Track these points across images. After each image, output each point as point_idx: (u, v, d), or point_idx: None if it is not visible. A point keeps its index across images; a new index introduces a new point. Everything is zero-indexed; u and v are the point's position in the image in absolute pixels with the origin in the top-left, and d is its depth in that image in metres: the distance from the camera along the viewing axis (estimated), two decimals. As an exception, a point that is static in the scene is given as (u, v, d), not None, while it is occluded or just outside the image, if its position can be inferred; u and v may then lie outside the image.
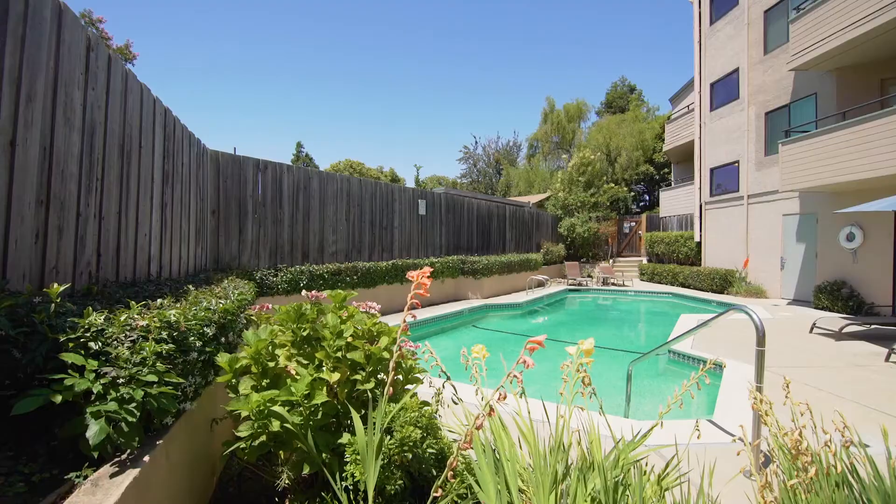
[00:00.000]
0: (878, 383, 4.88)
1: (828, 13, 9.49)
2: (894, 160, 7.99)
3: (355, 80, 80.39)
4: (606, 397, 5.14)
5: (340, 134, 79.88)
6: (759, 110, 13.01)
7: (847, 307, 9.73)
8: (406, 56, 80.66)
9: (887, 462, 1.59)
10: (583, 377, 1.81)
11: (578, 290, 15.32)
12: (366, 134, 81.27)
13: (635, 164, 29.53)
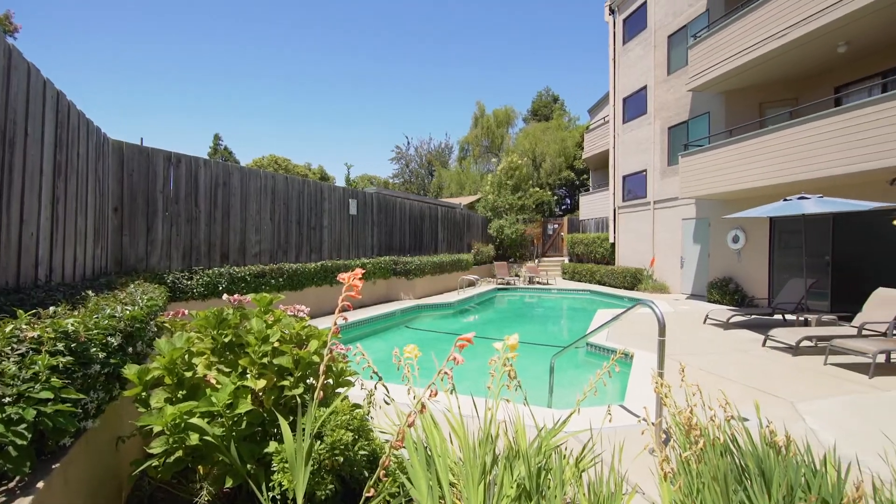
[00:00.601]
0: (756, 365, 5.67)
1: (718, 43, 10.82)
2: (769, 174, 9.31)
3: (280, 76, 76.59)
4: (532, 389, 5.42)
5: (264, 130, 75.63)
6: (664, 125, 14.46)
7: (733, 300, 11.15)
8: (337, 54, 78.44)
9: (759, 431, 1.88)
10: (508, 371, 1.92)
11: (507, 289, 15.93)
12: (292, 130, 77.74)
13: (558, 169, 31.33)
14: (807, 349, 6.36)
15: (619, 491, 1.65)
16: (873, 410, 4.05)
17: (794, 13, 8.86)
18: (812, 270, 9.65)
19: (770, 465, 1.73)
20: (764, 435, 1.79)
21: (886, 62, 9.21)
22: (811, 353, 6.17)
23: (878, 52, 9.25)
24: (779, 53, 9.51)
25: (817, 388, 4.70)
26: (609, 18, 17.60)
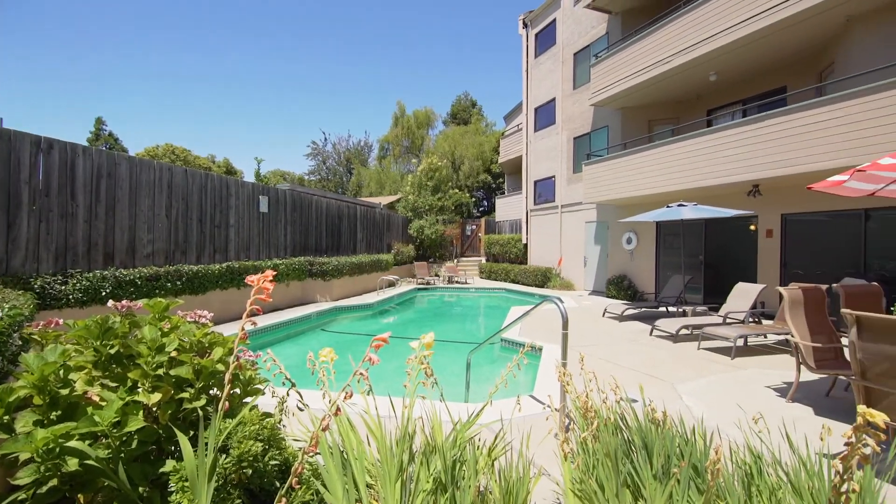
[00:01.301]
0: (644, 352, 6.39)
1: (615, 64, 11.99)
2: (656, 183, 10.53)
3: (177, 57, 69.39)
4: (451, 386, 5.55)
5: (158, 116, 67.97)
6: (570, 135, 15.66)
7: (627, 295, 12.43)
8: (246, 46, 73.04)
9: (643, 411, 2.14)
10: (425, 369, 1.96)
11: (427, 288, 16.09)
12: (193, 119, 70.87)
13: (476, 172, 32.37)
14: (684, 336, 7.31)
15: (526, 474, 1.78)
16: (733, 386, 4.79)
17: (676, 43, 10.13)
18: (689, 268, 11.11)
19: (652, 439, 1.98)
20: (647, 413, 2.05)
21: (746, 91, 10.92)
22: (688, 340, 7.11)
23: (740, 83, 10.94)
24: (664, 78, 10.82)
25: (692, 370, 5.43)
26: (523, 32, 18.61)
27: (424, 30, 77.82)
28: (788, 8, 7.91)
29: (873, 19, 7.71)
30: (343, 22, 74.44)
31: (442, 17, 77.70)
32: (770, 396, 4.43)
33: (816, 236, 8.85)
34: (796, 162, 7.63)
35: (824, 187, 4.03)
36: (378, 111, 77.63)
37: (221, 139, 72.41)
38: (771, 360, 5.98)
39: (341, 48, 75.20)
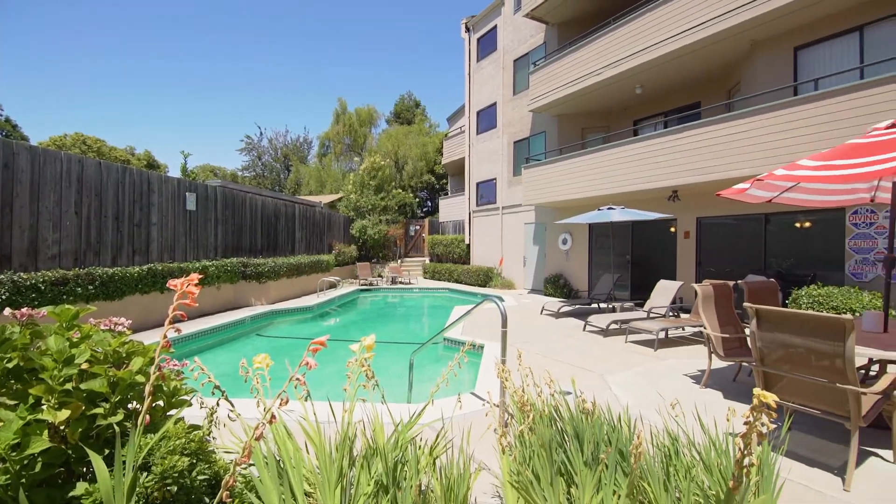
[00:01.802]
0: (578, 347, 6.76)
1: (551, 73, 12.55)
2: (588, 187, 11.16)
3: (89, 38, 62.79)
4: (395, 387, 5.51)
5: (66, 101, 61.09)
6: (510, 139, 16.16)
7: (563, 293, 13.05)
8: (178, 33, 67.67)
9: (575, 402, 2.27)
10: (366, 371, 1.95)
11: (370, 289, 15.86)
12: (107, 105, 64.47)
13: (420, 173, 32.40)
14: (614, 331, 7.82)
15: (466, 470, 1.82)
16: (655, 376, 5.20)
17: (606, 57, 10.81)
18: (618, 267, 11.90)
19: (583, 428, 2.11)
20: (578, 404, 2.18)
21: (667, 105, 11.89)
22: (617, 334, 7.61)
23: (662, 97, 11.89)
24: (596, 88, 11.50)
25: (620, 362, 5.83)
26: (465, 35, 18.92)
27: (366, 27, 76.59)
28: (701, 31, 8.74)
29: (773, 44, 8.72)
30: (282, 16, 71.28)
31: (384, 15, 76.94)
32: (687, 383, 4.87)
33: (726, 237, 9.84)
34: (709, 170, 8.45)
35: (730, 194, 4.51)
36: (318, 107, 75.28)
37: (142, 131, 66.52)
38: (688, 350, 6.56)
39: (279, 42, 71.99)
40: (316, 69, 73.69)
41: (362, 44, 76.70)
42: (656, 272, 10.79)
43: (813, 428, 3.59)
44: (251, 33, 69.35)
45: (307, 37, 73.38)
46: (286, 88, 72.75)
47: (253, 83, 71.24)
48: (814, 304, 6.91)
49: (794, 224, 8.58)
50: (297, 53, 73.34)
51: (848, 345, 2.71)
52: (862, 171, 3.16)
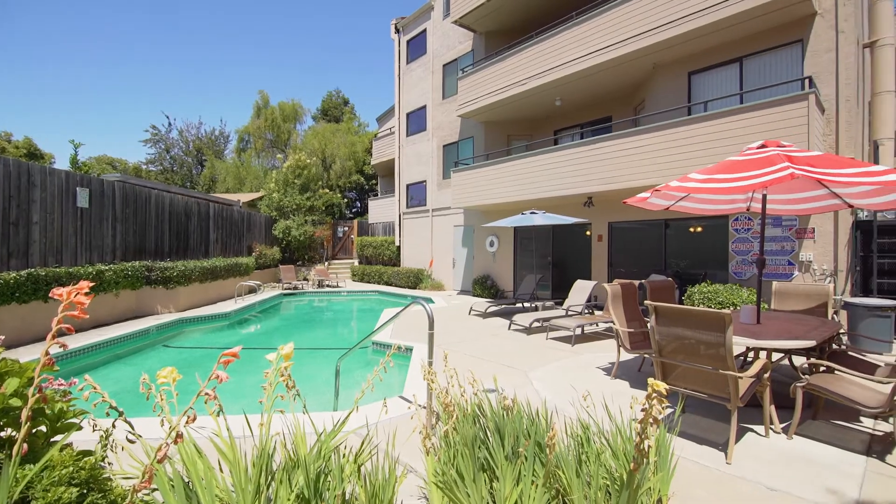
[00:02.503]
0: (504, 346, 7.02)
1: (478, 80, 12.94)
2: (513, 192, 11.66)
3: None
4: (321, 394, 5.33)
5: (-86, 72, 51.24)
6: (440, 142, 16.37)
7: (491, 294, 13.49)
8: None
9: (496, 399, 2.36)
10: (286, 381, 1.87)
11: (294, 293, 15.15)
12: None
13: (349, 172, 31.62)
14: (536, 329, 8.24)
15: (392, 474, 1.82)
16: (572, 370, 5.57)
17: (529, 68, 11.38)
18: (540, 268, 12.55)
19: (503, 424, 2.21)
20: (499, 401, 2.28)
21: (584, 117, 12.78)
22: (539, 332, 8.03)
23: (579, 109, 12.76)
24: (520, 98, 12.05)
25: (541, 359, 6.16)
26: (395, 36, 18.83)
27: (292, 20, 73.24)
28: (612, 52, 9.55)
29: (671, 68, 9.76)
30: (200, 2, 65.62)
31: (309, 8, 74.14)
32: (599, 376, 5.28)
33: (633, 240, 10.81)
34: (618, 179, 9.24)
35: (634, 202, 4.98)
36: (237, 99, 70.40)
37: (22, 115, 57.54)
38: (601, 344, 7.11)
39: (193, 22, 66.20)
40: (235, 56, 68.92)
41: (287, 36, 73.19)
42: (574, 272, 11.56)
43: (702, 410, 4.08)
44: (162, 9, 62.97)
45: (226, 24, 68.36)
46: (201, 76, 67.15)
47: (161, 67, 64.79)
48: (704, 299, 7.84)
49: (689, 229, 9.67)
50: (214, 38, 68.04)
51: (727, 336, 3.12)
52: (738, 184, 3.66)
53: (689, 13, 8.34)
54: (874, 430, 3.68)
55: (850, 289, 7.58)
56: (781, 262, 8.03)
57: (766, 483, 2.86)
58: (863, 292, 7.64)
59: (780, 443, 3.46)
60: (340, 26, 76.04)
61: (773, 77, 8.32)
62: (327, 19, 76.05)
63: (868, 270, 7.62)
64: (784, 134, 6.87)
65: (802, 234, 7.84)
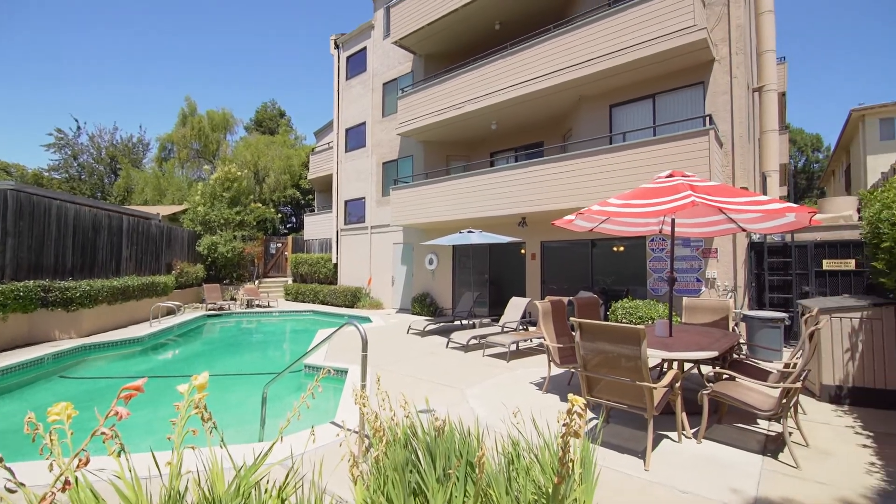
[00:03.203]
0: (442, 364, 7.03)
1: (418, 101, 13.18)
2: (451, 211, 11.88)
3: None
4: (247, 424, 4.99)
5: None
6: (380, 159, 16.35)
7: (430, 311, 13.50)
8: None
9: (428, 420, 2.36)
10: (200, 413, 1.74)
11: (220, 314, 14.14)
12: None
13: (283, 187, 30.45)
14: (474, 346, 8.36)
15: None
16: (507, 386, 5.70)
17: (466, 93, 11.81)
18: (478, 285, 12.82)
19: (435, 445, 2.21)
20: (431, 422, 2.28)
21: (518, 141, 13.41)
22: (476, 349, 8.14)
23: (514, 134, 13.38)
24: (458, 120, 12.43)
25: (478, 376, 6.24)
26: (334, 52, 18.70)
27: (226, 28, 70.18)
28: (542, 83, 10.21)
29: (595, 101, 10.58)
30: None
31: (245, 15, 71.63)
32: (532, 391, 5.45)
33: (564, 259, 11.42)
34: (548, 201, 9.77)
35: (561, 223, 5.30)
36: (160, 104, 65.62)
37: None
38: (535, 359, 7.36)
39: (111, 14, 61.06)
40: (160, 58, 64.42)
41: (220, 42, 69.90)
42: (510, 289, 11.93)
43: (624, 420, 4.34)
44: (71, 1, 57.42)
45: (150, 25, 63.87)
46: (119, 76, 61.81)
47: (71, 63, 58.81)
48: (626, 314, 8.43)
49: (613, 248, 10.41)
50: (137, 38, 63.23)
51: (642, 349, 3.37)
52: (650, 209, 4.03)
53: (607, 52, 9.16)
54: (768, 431, 4.13)
55: (747, 303, 8.54)
56: (691, 279, 8.87)
57: (680, 487, 3.10)
58: (758, 306, 8.64)
59: (691, 447, 3.77)
60: (277, 35, 74.10)
61: (681, 113, 9.32)
62: (263, 29, 73.83)
63: (762, 286, 8.65)
64: (690, 164, 7.69)
65: (708, 254, 8.75)
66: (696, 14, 8.18)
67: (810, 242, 8.12)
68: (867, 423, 4.25)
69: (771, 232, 5.96)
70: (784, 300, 8.34)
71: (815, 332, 3.65)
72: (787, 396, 3.56)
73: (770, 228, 5.12)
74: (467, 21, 12.59)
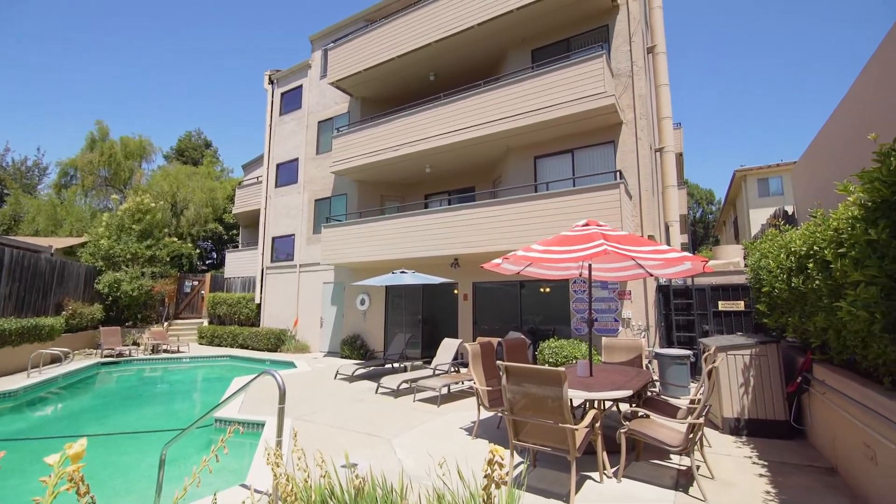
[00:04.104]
0: (370, 411, 6.72)
1: (353, 141, 13.28)
2: (384, 251, 11.81)
3: None
4: (140, 492, 4.35)
5: None
6: (311, 196, 16.00)
7: (360, 354, 13.00)
8: None
9: (347, 478, 2.22)
10: (77, 487, 1.49)
11: (118, 362, 12.51)
12: None
13: (205, 220, 28.50)
14: (405, 391, 8.12)
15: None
16: (436, 433, 5.56)
17: (401, 137, 12.13)
18: (411, 326, 12.65)
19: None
20: (350, 480, 2.14)
21: (451, 185, 13.87)
22: (407, 394, 7.91)
23: (448, 178, 13.84)
24: (393, 162, 12.64)
25: (407, 423, 6.04)
26: (268, 87, 18.44)
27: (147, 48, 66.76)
28: (471, 132, 10.81)
29: (521, 152, 11.34)
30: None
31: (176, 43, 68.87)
32: (461, 437, 5.36)
33: (495, 300, 11.70)
34: (480, 244, 10.09)
35: (489, 267, 5.49)
36: (66, 127, 59.65)
37: None
38: (466, 402, 7.29)
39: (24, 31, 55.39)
40: (67, 78, 59.10)
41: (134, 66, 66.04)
42: (443, 329, 11.91)
43: (550, 463, 4.39)
44: (-41, 16, 51.38)
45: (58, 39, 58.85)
46: (15, 91, 55.48)
47: (-48, 79, 51.84)
48: (553, 354, 8.74)
49: (540, 289, 10.88)
50: (44, 54, 57.69)
51: (563, 391, 3.49)
52: (568, 256, 4.31)
53: (530, 110, 9.98)
54: (679, 466, 4.39)
55: (658, 341, 9.25)
56: (609, 319, 9.47)
57: (600, 528, 3.15)
58: (667, 344, 9.38)
59: (611, 487, 3.88)
60: (210, 69, 71.77)
61: (596, 167, 10.27)
62: (193, 58, 71.27)
63: (670, 325, 9.44)
64: (604, 213, 8.41)
65: (623, 296, 9.45)
66: (606, 82, 9.24)
67: (707, 286, 9.09)
68: (762, 453, 4.68)
69: (673, 277, 6.62)
70: (689, 338, 9.15)
71: (712, 370, 4.02)
72: (693, 431, 3.84)
73: (672, 274, 5.68)
74: (403, 70, 13.14)
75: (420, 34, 12.06)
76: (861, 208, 3.04)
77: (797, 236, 4.56)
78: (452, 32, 11.46)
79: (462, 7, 11.34)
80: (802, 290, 4.28)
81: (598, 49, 9.81)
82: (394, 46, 12.57)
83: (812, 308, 4.19)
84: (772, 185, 24.24)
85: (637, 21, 10.24)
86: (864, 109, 5.98)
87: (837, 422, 4.11)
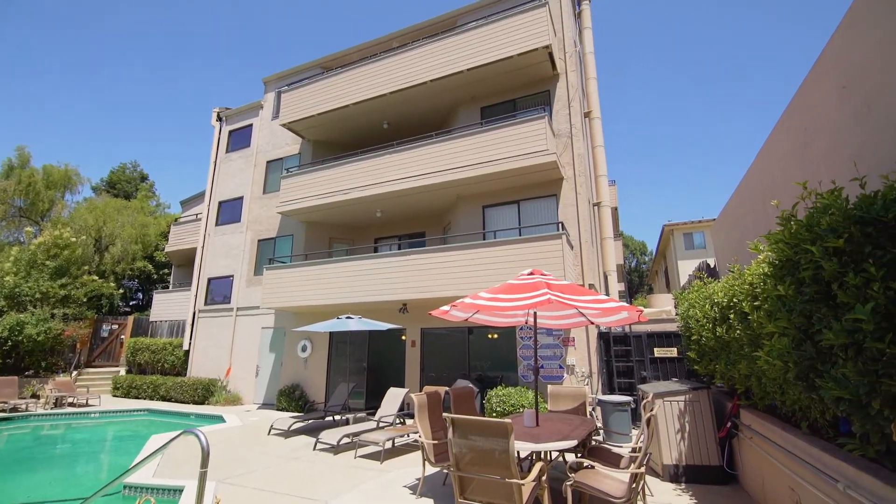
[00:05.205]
0: (305, 471, 6.20)
1: (302, 183, 13.12)
2: (330, 295, 11.43)
3: None
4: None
5: None
6: (255, 236, 15.38)
7: (299, 406, 12.13)
8: None
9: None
10: None
11: (11, 419, 10.81)
12: None
13: (132, 257, 26.32)
14: (345, 446, 7.59)
15: None
16: (378, 494, 5.20)
17: (352, 181, 12.16)
18: (355, 374, 12.10)
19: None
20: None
21: (402, 230, 13.91)
22: (349, 449, 7.41)
23: (398, 223, 13.89)
24: (343, 205, 12.56)
25: (346, 483, 5.61)
26: (216, 124, 18.01)
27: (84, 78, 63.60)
28: (421, 181, 11.08)
29: (470, 200, 11.70)
30: (-65, 19, 51.44)
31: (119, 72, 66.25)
32: (405, 495, 5.05)
33: (443, 346, 11.54)
34: (428, 289, 10.06)
35: (437, 314, 5.45)
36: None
37: None
38: (412, 457, 6.94)
39: (-80, 50, 50.69)
40: None
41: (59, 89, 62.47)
42: (390, 377, 11.47)
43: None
44: None
45: None
46: (-84, 115, 49.97)
47: None
48: (500, 402, 8.64)
49: (488, 335, 10.91)
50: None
51: (510, 443, 3.43)
52: (514, 304, 4.39)
53: (478, 162, 10.44)
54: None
55: (600, 388, 9.46)
56: (554, 366, 9.61)
57: (547, 593, 3.01)
58: (609, 390, 9.61)
59: (557, 544, 3.76)
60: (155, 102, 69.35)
61: (540, 218, 10.77)
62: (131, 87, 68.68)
63: (611, 372, 9.72)
64: (548, 261, 8.75)
65: (567, 343, 9.68)
66: (549, 141, 9.93)
67: (644, 333, 9.55)
68: (700, 501, 4.78)
69: (612, 325, 6.90)
70: (629, 384, 9.45)
71: (650, 418, 4.14)
72: (635, 481, 3.87)
73: (610, 322, 5.92)
74: (358, 117, 13.40)
75: (375, 85, 12.47)
76: (770, 266, 3.38)
77: (719, 288, 4.96)
78: (406, 86, 11.95)
79: (416, 63, 11.94)
80: (726, 338, 4.60)
81: (541, 111, 10.59)
82: (349, 94, 12.85)
83: (735, 356, 4.50)
84: (696, 239, 26.56)
85: (575, 89, 11.25)
86: (769, 175, 6.80)
87: (765, 466, 4.32)
